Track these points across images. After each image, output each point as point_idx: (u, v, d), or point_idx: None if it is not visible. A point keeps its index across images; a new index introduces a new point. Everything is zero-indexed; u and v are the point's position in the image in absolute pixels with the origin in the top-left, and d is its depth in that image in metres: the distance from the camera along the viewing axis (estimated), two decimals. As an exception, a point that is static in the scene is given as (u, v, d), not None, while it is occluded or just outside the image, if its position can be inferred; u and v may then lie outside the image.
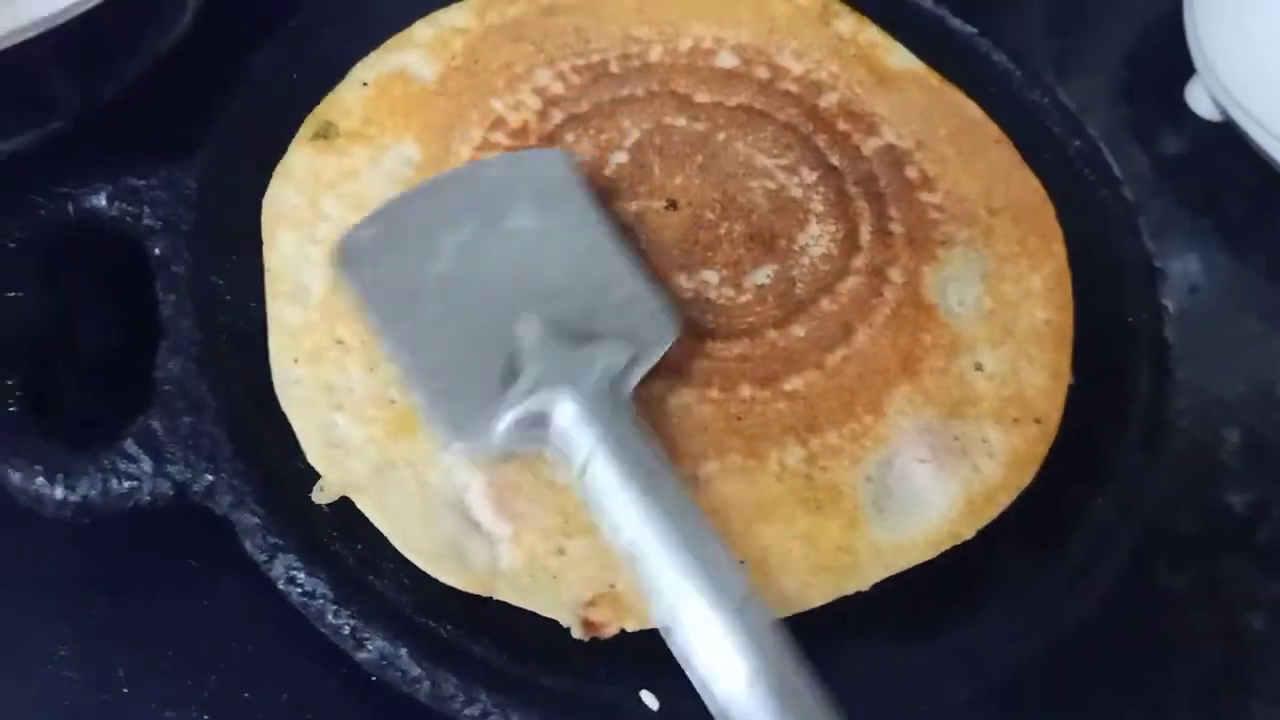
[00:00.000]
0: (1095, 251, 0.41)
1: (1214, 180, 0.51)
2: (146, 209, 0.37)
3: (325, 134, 0.39)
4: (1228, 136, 0.49)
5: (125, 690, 0.33)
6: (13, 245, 0.35)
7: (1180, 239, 0.50)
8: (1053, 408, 0.37)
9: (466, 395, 0.31)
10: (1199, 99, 0.51)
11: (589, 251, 0.34)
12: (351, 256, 0.34)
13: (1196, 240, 0.50)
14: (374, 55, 0.41)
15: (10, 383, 0.33)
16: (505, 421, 0.30)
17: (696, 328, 0.36)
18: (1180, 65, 0.50)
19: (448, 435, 0.31)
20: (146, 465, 0.32)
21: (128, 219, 0.36)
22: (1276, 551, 0.41)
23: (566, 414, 0.30)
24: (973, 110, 0.44)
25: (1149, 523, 0.37)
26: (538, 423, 0.31)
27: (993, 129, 0.43)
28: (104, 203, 0.37)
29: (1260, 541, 0.42)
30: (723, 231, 0.38)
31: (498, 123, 0.40)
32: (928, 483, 0.35)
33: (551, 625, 0.31)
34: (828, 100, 0.42)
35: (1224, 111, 0.48)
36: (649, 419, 0.34)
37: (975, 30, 0.46)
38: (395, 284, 0.33)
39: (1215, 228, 0.50)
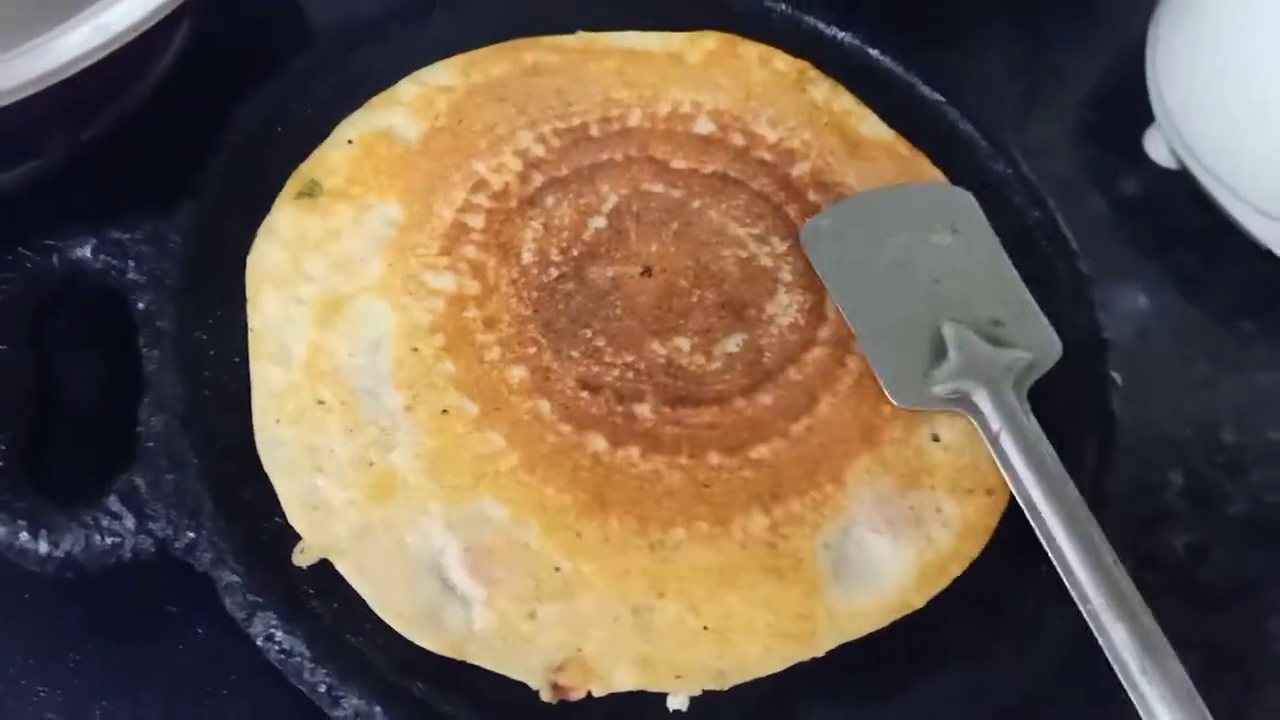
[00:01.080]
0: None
1: (1167, 226, 0.52)
2: (131, 263, 0.37)
3: (310, 192, 0.40)
4: (1182, 185, 0.50)
5: (101, 735, 0.34)
6: (-1, 297, 0.36)
7: (1131, 283, 0.51)
8: (1004, 479, 0.38)
9: (905, 363, 0.39)
10: (1156, 147, 0.52)
11: (996, 274, 0.42)
12: (815, 239, 0.41)
13: (1147, 284, 0.52)
14: (359, 113, 0.42)
15: (-6, 437, 0.34)
16: (939, 389, 0.38)
17: (668, 394, 0.37)
18: (1140, 112, 0.52)
19: (891, 390, 0.39)
20: (129, 522, 0.33)
21: (112, 272, 0.37)
22: (1212, 592, 0.43)
23: (984, 398, 0.38)
24: (938, 180, 0.45)
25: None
26: (960, 398, 0.38)
27: None
28: (89, 255, 0.37)
29: (1199, 582, 0.43)
30: (695, 299, 0.40)
31: (480, 185, 0.41)
32: (884, 552, 0.36)
33: (523, 687, 0.33)
34: (800, 169, 0.44)
35: (1180, 160, 0.50)
36: (621, 485, 0.35)
37: (943, 98, 0.48)
38: (851, 262, 0.41)
39: (1166, 271, 0.52)
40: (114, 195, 0.39)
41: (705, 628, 0.34)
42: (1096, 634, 0.34)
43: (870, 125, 0.46)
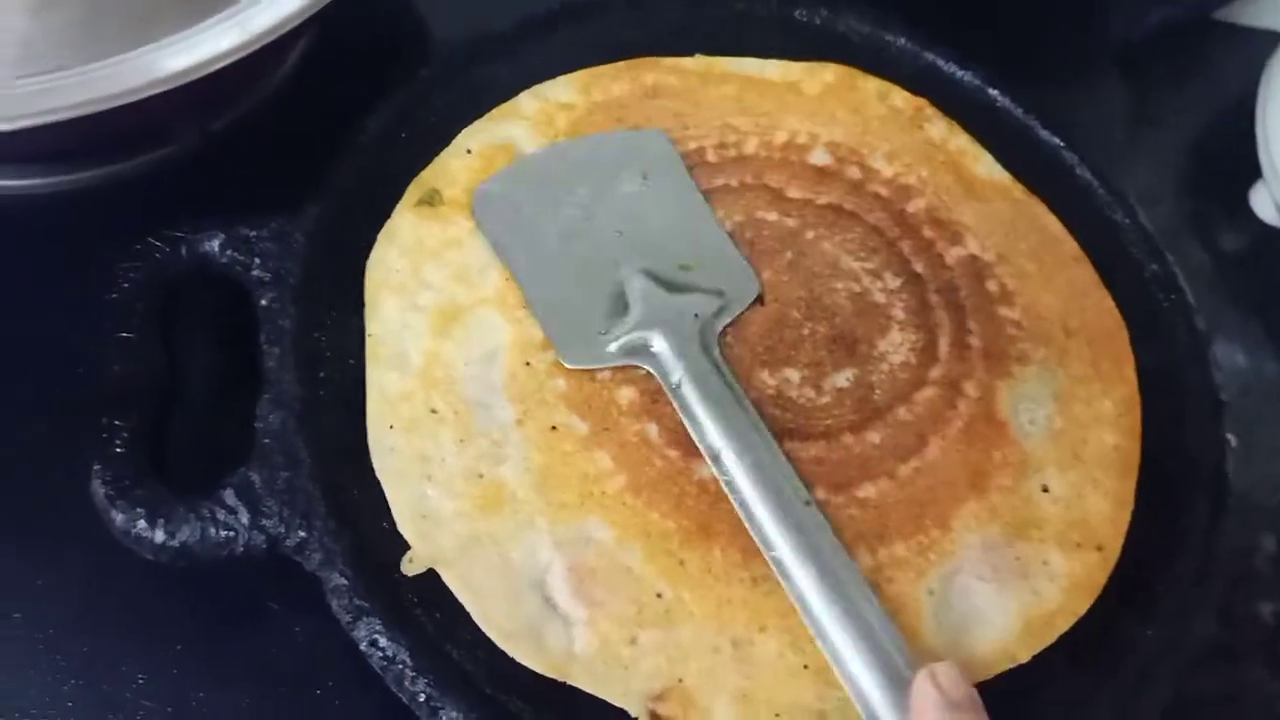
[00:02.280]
0: (1163, 380, 0.41)
1: (1269, 284, 0.52)
2: (256, 259, 0.38)
3: (430, 200, 0.40)
4: None
5: (198, 726, 0.35)
6: (126, 285, 0.37)
7: (1235, 342, 0.50)
8: (1114, 536, 0.37)
9: (580, 324, 0.38)
10: (1262, 203, 0.51)
11: (686, 216, 0.41)
12: (485, 204, 0.40)
13: (1249, 343, 0.50)
14: (479, 123, 0.42)
15: (118, 423, 0.34)
16: (615, 345, 0.37)
17: (777, 425, 0.37)
18: (1246, 168, 0.51)
19: (562, 353, 0.37)
20: (243, 517, 0.33)
21: (238, 267, 0.38)
22: None
23: (662, 346, 0.37)
24: (1054, 225, 0.44)
25: (1193, 647, 0.38)
26: (638, 350, 0.37)
27: (1072, 246, 0.44)
28: (217, 249, 0.38)
29: None
30: (806, 332, 0.39)
31: (596, 205, 0.41)
32: (988, 601, 0.35)
33: (618, 711, 0.32)
34: (915, 205, 0.43)
35: None
36: (727, 516, 0.35)
37: (1062, 143, 0.47)
38: (522, 230, 0.39)
39: (1267, 332, 0.51)
40: (242, 193, 0.40)
41: (805, 666, 0.33)
42: (782, 580, 0.34)
43: (986, 166, 0.46)
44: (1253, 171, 0.51)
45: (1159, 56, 0.59)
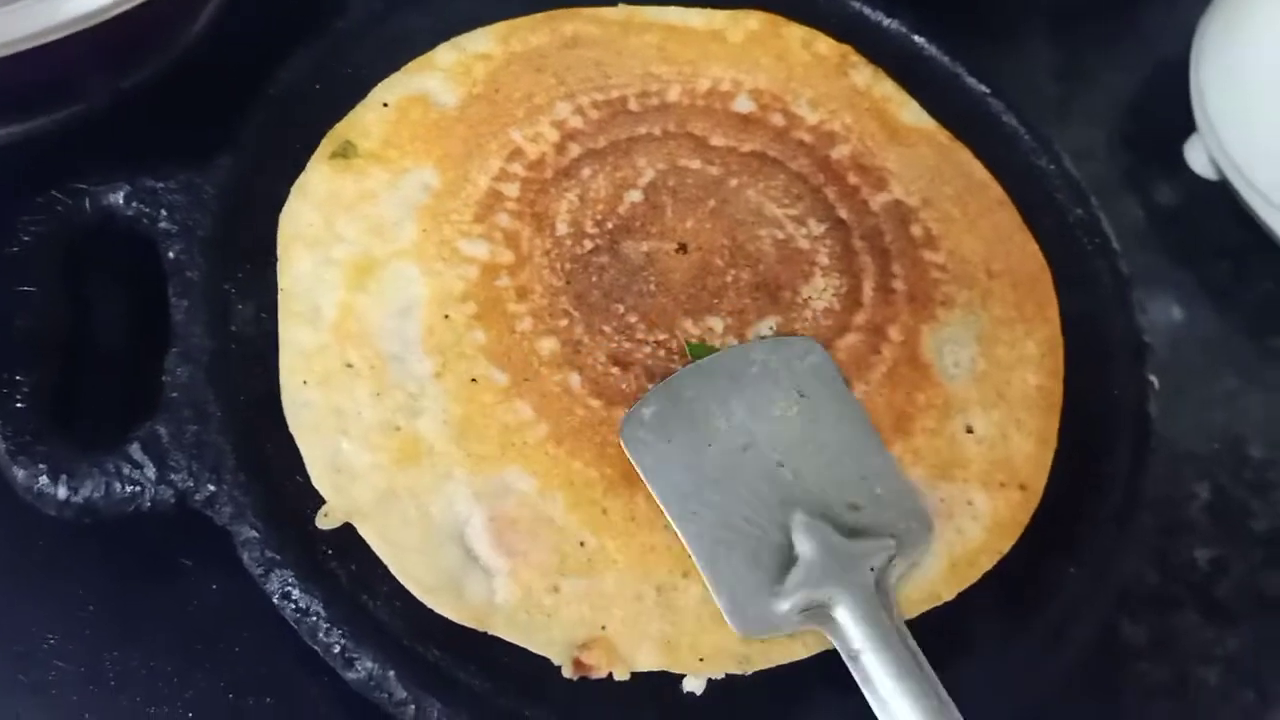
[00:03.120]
0: (1086, 323, 0.42)
1: (1203, 236, 0.52)
2: (163, 211, 0.37)
3: (344, 153, 0.39)
4: (1220, 196, 0.50)
5: (112, 683, 0.34)
6: (28, 239, 0.36)
7: (1166, 291, 0.51)
8: (1038, 475, 0.38)
9: (748, 581, 0.33)
10: (1197, 156, 0.52)
11: (851, 443, 0.36)
12: (635, 434, 0.35)
13: (1180, 293, 0.51)
14: (396, 76, 0.42)
15: (19, 378, 0.33)
16: (786, 608, 0.33)
17: (700, 373, 0.37)
18: (1180, 121, 0.51)
19: (732, 620, 0.33)
20: (150, 471, 0.33)
21: (144, 220, 0.37)
22: (1231, 607, 0.43)
23: (842, 611, 0.33)
24: (979, 171, 0.45)
25: (1118, 585, 0.39)
26: (816, 613, 0.33)
27: (997, 190, 0.44)
28: (121, 201, 0.37)
29: (1218, 596, 0.43)
30: (730, 279, 0.39)
31: (516, 154, 0.40)
32: (912, 542, 0.36)
33: (539, 659, 0.32)
34: (839, 152, 0.43)
35: (1219, 170, 0.49)
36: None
37: (988, 90, 0.47)
38: (678, 464, 0.35)
39: (1199, 282, 0.51)
40: (150, 145, 0.38)
41: None
42: None
43: (911, 112, 0.46)
44: (1187, 127, 0.51)
45: (1090, 14, 0.59)
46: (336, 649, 0.31)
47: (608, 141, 0.41)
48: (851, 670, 0.32)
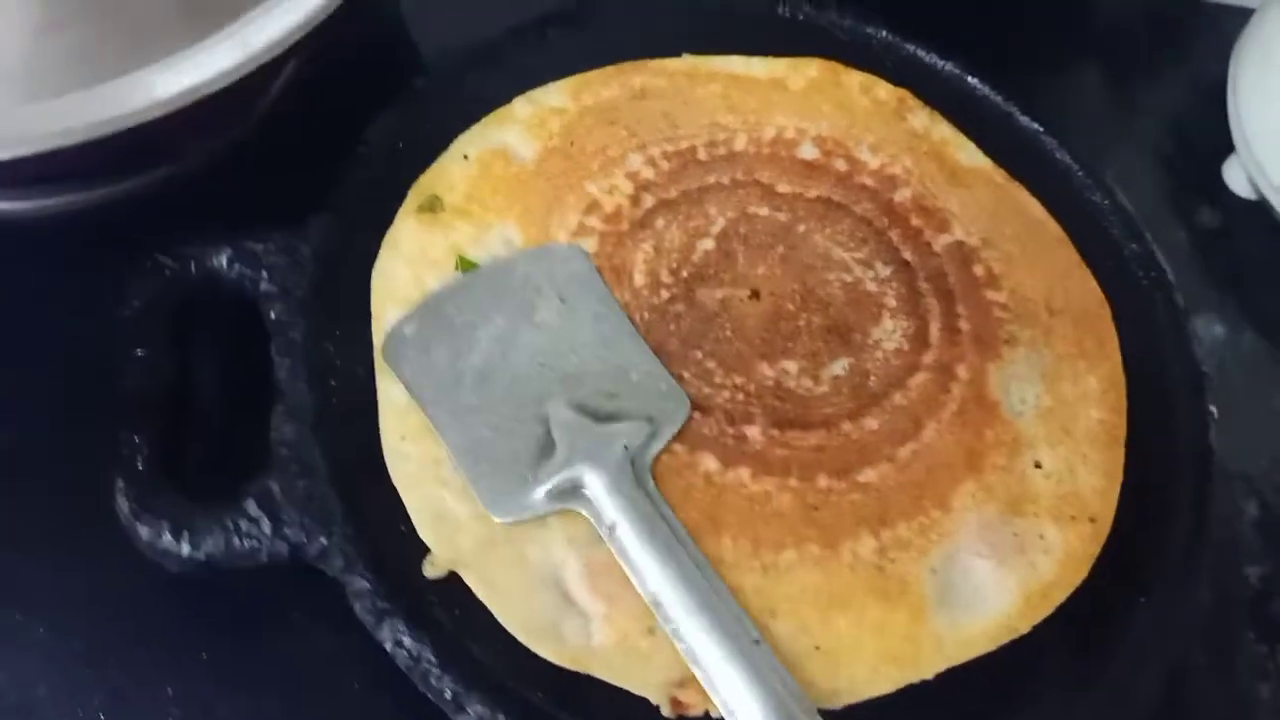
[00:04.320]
0: (1146, 356, 0.42)
1: (1245, 257, 0.53)
2: (264, 273, 0.38)
3: (431, 207, 0.41)
4: (1260, 216, 0.50)
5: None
6: (138, 303, 0.37)
7: (1211, 315, 0.51)
8: (1106, 507, 0.39)
9: (505, 471, 0.35)
10: (1235, 176, 0.52)
11: (609, 338, 0.38)
12: (397, 350, 0.37)
13: (1224, 316, 0.51)
14: (475, 129, 0.43)
15: (137, 439, 0.35)
16: (539, 493, 0.35)
17: (777, 416, 0.38)
18: (1219, 144, 0.52)
19: (490, 507, 0.35)
20: (266, 526, 0.34)
21: (246, 282, 0.38)
22: None
23: (594, 486, 0.35)
24: (1036, 209, 0.45)
25: (1187, 618, 0.39)
26: (569, 492, 0.35)
27: (1054, 228, 0.45)
28: (225, 264, 0.38)
29: (1272, 613, 0.43)
30: (802, 323, 0.40)
31: (592, 206, 0.42)
32: (988, 577, 0.37)
33: (638, 700, 0.33)
34: (902, 195, 0.44)
35: (1258, 190, 0.50)
36: (734, 506, 0.36)
37: (1040, 128, 0.48)
38: (437, 373, 0.37)
39: (1243, 303, 0.52)
40: (247, 208, 0.40)
41: (817, 648, 0.34)
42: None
43: (968, 154, 0.47)
44: (1226, 147, 0.52)
45: (1135, 39, 0.59)
46: (448, 694, 0.33)
47: (679, 192, 0.43)
48: (611, 547, 0.34)
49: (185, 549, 0.34)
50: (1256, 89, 0.50)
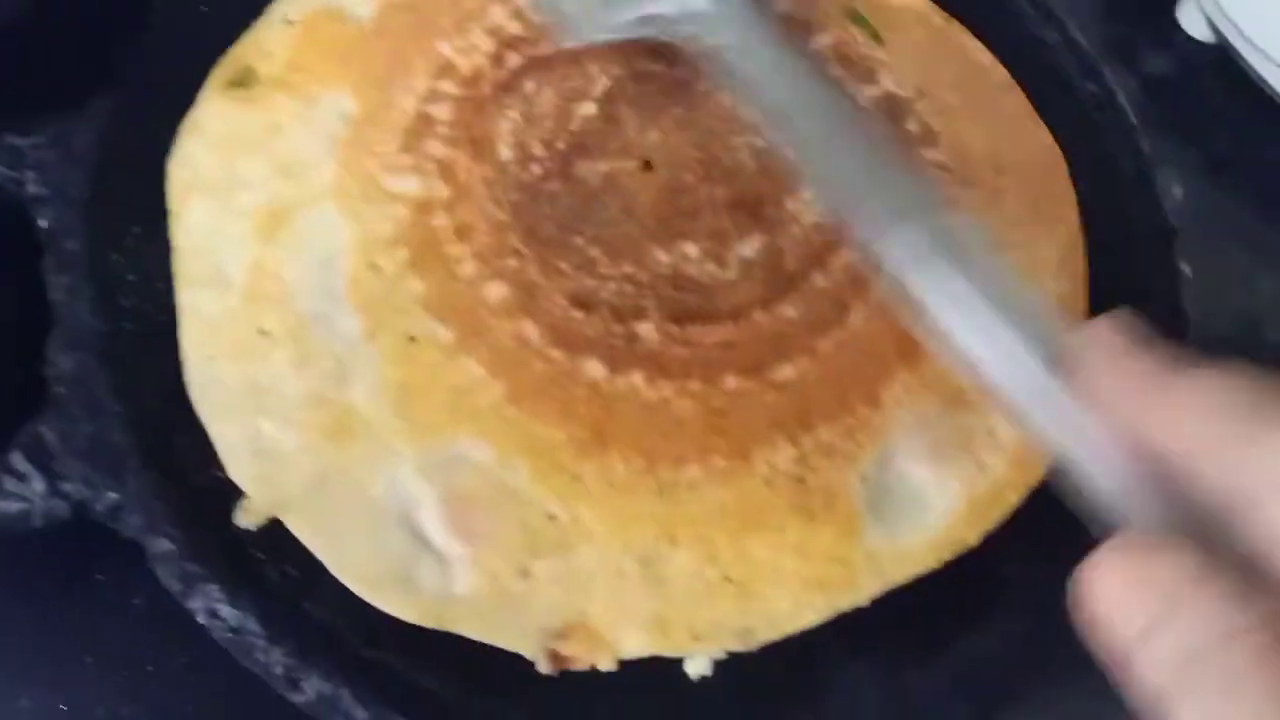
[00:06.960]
0: (1107, 211, 0.38)
1: (1201, 107, 0.48)
2: (31, 173, 0.32)
3: (243, 82, 0.34)
4: (1218, 59, 0.46)
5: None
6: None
7: (1169, 168, 0.46)
8: (1065, 394, 0.34)
9: None
10: (1190, 17, 0.48)
11: None
12: None
13: (1181, 170, 0.46)
14: (299, -14, 0.36)
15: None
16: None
17: (675, 309, 0.33)
18: None
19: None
20: (37, 483, 0.28)
21: (10, 185, 0.32)
22: None
23: None
24: (979, 52, 0.40)
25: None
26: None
27: (1000, 73, 0.40)
28: (-22, 166, 0.32)
29: None
30: (703, 197, 0.35)
31: (446, 69, 0.35)
32: (928, 482, 0.32)
33: (516, 656, 0.29)
34: (820, 42, 0.38)
35: (1217, 32, 0.46)
36: (625, 418, 0.31)
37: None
38: None
39: (1200, 156, 0.47)
40: (9, 95, 0.33)
41: (726, 579, 0.30)
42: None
43: (897, -9, 0.40)
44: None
45: None
46: (279, 669, 0.28)
47: (553, 48, 0.36)
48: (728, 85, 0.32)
49: (-66, 515, 0.28)
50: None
